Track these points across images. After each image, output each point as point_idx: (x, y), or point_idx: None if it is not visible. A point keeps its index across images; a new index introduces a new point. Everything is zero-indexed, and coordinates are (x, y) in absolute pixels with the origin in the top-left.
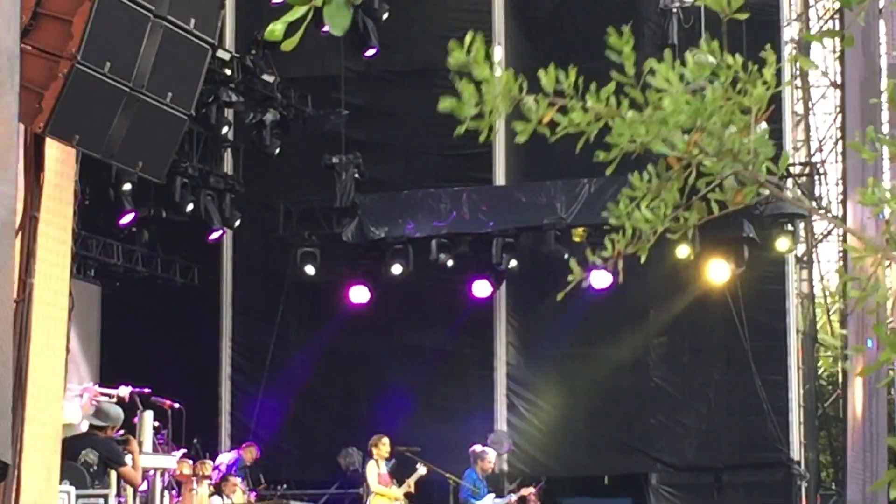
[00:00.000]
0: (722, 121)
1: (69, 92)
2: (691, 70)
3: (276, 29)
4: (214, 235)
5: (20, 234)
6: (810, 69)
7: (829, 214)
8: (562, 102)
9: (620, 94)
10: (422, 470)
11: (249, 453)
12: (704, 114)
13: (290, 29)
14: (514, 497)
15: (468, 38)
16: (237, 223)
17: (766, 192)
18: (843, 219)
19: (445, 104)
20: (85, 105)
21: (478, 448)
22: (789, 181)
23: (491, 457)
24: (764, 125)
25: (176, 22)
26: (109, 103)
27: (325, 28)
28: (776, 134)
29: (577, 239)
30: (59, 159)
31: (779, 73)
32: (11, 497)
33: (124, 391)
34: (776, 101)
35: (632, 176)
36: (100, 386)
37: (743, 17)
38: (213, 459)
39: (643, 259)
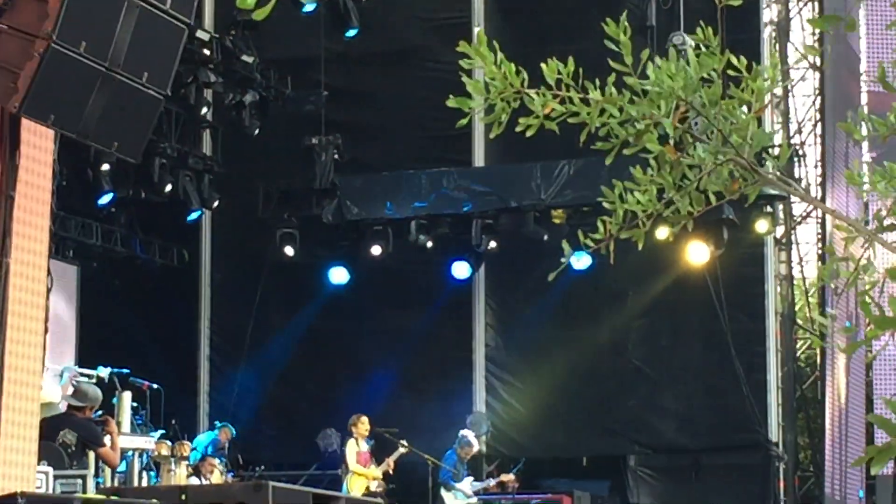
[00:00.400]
0: (708, 98)
1: (45, 71)
2: (694, 66)
3: None
4: (193, 216)
5: None
6: (815, 55)
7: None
8: (563, 94)
9: (619, 86)
10: (402, 449)
11: (224, 434)
12: (689, 90)
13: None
14: (492, 481)
15: (477, 37)
16: (215, 204)
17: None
18: (823, 200)
19: (453, 102)
20: (60, 85)
21: (468, 435)
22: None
23: (474, 448)
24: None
25: (152, 2)
26: (85, 83)
27: (305, 8)
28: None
29: (556, 221)
30: (37, 138)
31: (757, 54)
32: None
33: (104, 372)
34: None
35: (634, 169)
36: (79, 366)
37: (737, 3)
38: (191, 440)
39: (640, 246)
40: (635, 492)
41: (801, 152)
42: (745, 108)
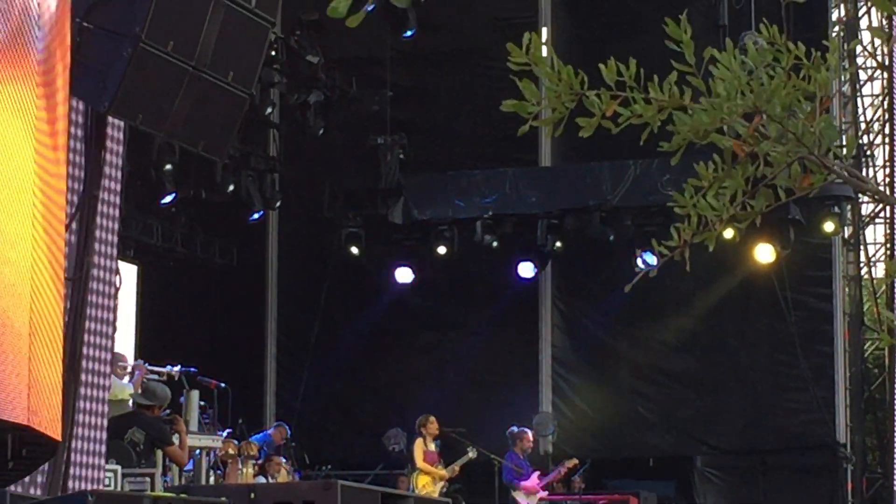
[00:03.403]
0: (782, 104)
1: (133, 71)
2: (752, 57)
3: (339, 6)
4: (255, 216)
5: (80, 212)
6: (882, 39)
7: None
8: (624, 95)
9: (682, 83)
10: (472, 454)
11: (280, 433)
12: (763, 97)
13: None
14: (562, 469)
15: (525, 39)
16: (278, 204)
17: (833, 177)
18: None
19: (509, 105)
20: (148, 84)
21: (515, 429)
22: (843, 166)
23: (529, 435)
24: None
25: (237, 0)
26: (172, 83)
27: (369, 6)
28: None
29: None
30: (110, 138)
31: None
32: (60, 474)
33: (174, 371)
34: None
35: (697, 166)
36: (148, 364)
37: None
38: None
39: (711, 248)
40: (702, 492)
41: (869, 153)
42: (809, 102)
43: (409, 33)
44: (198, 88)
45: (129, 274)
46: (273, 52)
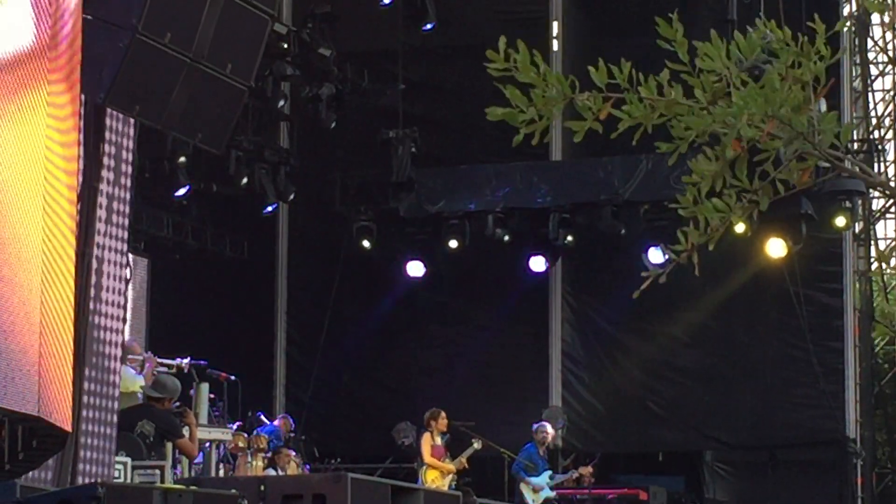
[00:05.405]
0: (792, 106)
1: (130, 62)
2: (743, 48)
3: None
4: (269, 209)
5: (80, 203)
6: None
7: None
8: (616, 96)
9: (676, 81)
10: (477, 445)
11: (285, 424)
12: (775, 102)
13: None
14: (574, 473)
15: (516, 46)
16: (291, 197)
17: (827, 165)
18: None
19: (496, 113)
20: (145, 76)
21: (535, 425)
22: (847, 158)
23: (546, 428)
24: (822, 101)
25: None
26: (170, 74)
27: (384, 0)
28: (834, 111)
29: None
30: (121, 126)
31: (836, 45)
32: (69, 466)
33: (184, 363)
34: (834, 76)
35: (691, 162)
36: (158, 357)
37: None
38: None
39: (711, 247)
40: (711, 487)
41: (880, 147)
42: (802, 90)
43: (428, 26)
44: (195, 80)
45: (139, 267)
46: (285, 45)
